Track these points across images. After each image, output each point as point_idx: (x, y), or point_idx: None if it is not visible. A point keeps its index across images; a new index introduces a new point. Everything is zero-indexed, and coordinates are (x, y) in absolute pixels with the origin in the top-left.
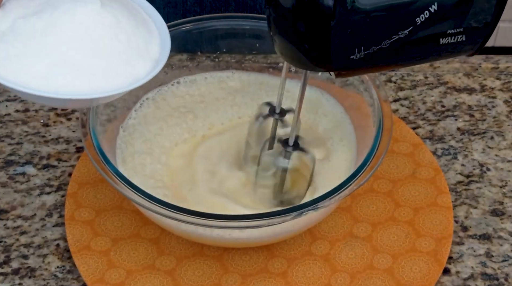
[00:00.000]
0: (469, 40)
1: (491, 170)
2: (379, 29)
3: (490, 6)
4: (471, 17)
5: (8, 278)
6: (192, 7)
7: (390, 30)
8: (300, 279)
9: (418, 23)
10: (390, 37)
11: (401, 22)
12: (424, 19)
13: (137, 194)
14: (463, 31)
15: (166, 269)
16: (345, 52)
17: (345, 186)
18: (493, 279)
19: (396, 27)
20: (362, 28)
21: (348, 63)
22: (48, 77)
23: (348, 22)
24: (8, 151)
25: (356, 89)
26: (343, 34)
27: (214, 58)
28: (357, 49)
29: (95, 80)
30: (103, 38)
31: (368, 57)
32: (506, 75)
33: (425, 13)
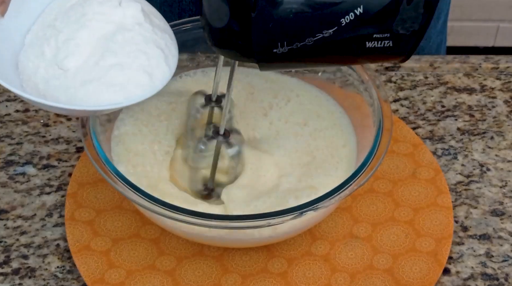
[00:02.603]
0: (397, 46)
1: (491, 170)
2: (302, 26)
3: (417, 15)
4: (398, 23)
5: (8, 278)
6: (188, 6)
7: (314, 28)
8: (300, 279)
9: (343, 24)
10: (314, 35)
11: (326, 21)
12: (349, 21)
13: (137, 194)
14: (390, 36)
15: (166, 269)
16: (268, 46)
17: (345, 186)
18: (493, 279)
19: (320, 26)
20: (285, 24)
21: (271, 57)
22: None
23: (270, 16)
24: (8, 151)
25: (356, 89)
26: (264, 27)
27: (214, 58)
28: (280, 43)
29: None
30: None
31: (292, 53)
32: (506, 75)
33: (350, 15)
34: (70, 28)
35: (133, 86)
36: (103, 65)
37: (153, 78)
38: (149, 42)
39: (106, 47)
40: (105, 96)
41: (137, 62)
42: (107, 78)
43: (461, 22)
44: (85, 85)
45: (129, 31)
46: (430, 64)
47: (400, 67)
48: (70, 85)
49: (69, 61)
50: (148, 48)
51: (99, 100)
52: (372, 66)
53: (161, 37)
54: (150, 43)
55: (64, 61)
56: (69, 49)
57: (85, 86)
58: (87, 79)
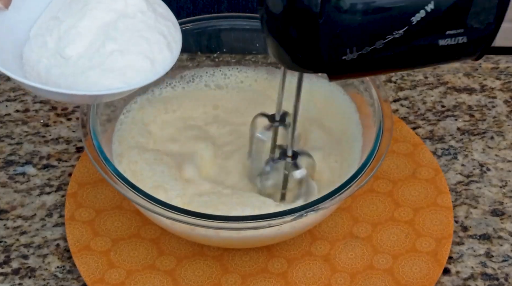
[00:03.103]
0: (471, 42)
1: (491, 170)
2: (371, 28)
3: (492, 6)
4: (471, 17)
5: (8, 278)
6: (185, 4)
7: (384, 30)
8: (300, 279)
9: (413, 22)
10: (384, 38)
11: (395, 21)
12: (420, 19)
13: (137, 194)
14: (464, 32)
15: (166, 269)
16: (337, 53)
17: (345, 187)
18: (493, 279)
19: (390, 26)
20: (353, 27)
21: (341, 65)
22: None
23: (337, 21)
24: (8, 151)
25: (356, 89)
26: (332, 33)
27: (214, 58)
28: (349, 49)
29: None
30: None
31: (362, 58)
32: (506, 75)
33: (420, 12)
34: (72, 17)
35: (133, 71)
36: (103, 52)
37: (154, 64)
38: (151, 29)
39: (107, 35)
40: (105, 82)
41: (138, 48)
42: (107, 64)
43: None
44: (85, 72)
45: (131, 18)
46: None
47: None
48: (71, 73)
49: (70, 49)
50: (150, 35)
51: (99, 86)
52: None
53: (164, 25)
54: (152, 30)
55: (65, 49)
56: (70, 38)
57: (85, 73)
58: (88, 66)
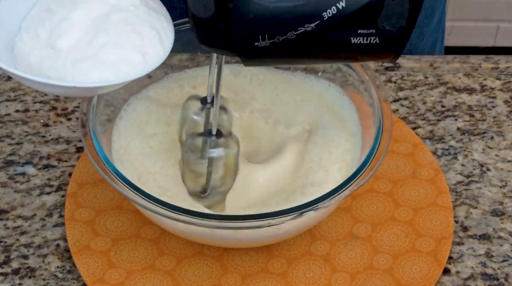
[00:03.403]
0: (384, 43)
1: (491, 170)
2: (282, 19)
3: (403, 11)
4: (383, 19)
5: (8, 278)
6: (178, 4)
7: (296, 22)
8: (300, 279)
9: (325, 18)
10: (296, 29)
11: (307, 15)
12: (332, 15)
13: (137, 194)
14: (376, 33)
15: (166, 269)
16: (249, 38)
17: (345, 186)
18: (493, 279)
19: (302, 19)
20: (265, 16)
21: (253, 50)
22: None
23: (248, 8)
24: (8, 151)
25: (356, 89)
26: (244, 19)
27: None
28: (261, 36)
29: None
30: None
31: (274, 47)
32: (506, 75)
33: (332, 8)
34: (65, 9)
35: (124, 64)
36: (95, 44)
37: (146, 58)
38: (143, 23)
39: (100, 27)
40: (96, 74)
41: (130, 41)
42: (98, 57)
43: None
44: (76, 64)
45: (124, 12)
46: (430, 64)
47: (400, 67)
48: (62, 65)
49: (62, 41)
50: (142, 29)
51: (90, 78)
52: (372, 66)
53: (157, 19)
54: (145, 24)
55: (57, 41)
56: (62, 30)
57: (76, 65)
58: (79, 58)
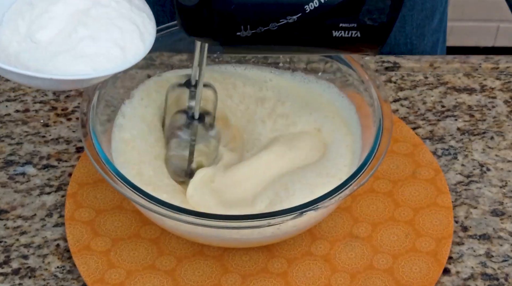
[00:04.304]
0: (365, 37)
1: (491, 170)
2: (265, 10)
3: (385, 6)
4: (364, 14)
5: (8, 278)
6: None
7: (277, 13)
8: (300, 279)
9: (307, 10)
10: (278, 21)
11: (289, 7)
12: (314, 8)
13: (137, 194)
14: (357, 27)
15: (166, 269)
16: (231, 28)
17: (345, 186)
18: (493, 279)
19: (284, 11)
20: (248, 7)
21: (235, 40)
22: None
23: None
24: (8, 151)
25: (356, 89)
26: (226, 8)
27: (214, 58)
28: (244, 27)
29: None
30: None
31: (256, 37)
32: (506, 75)
33: (314, 2)
34: (45, 2)
35: (103, 59)
36: (75, 37)
37: (125, 53)
38: (124, 18)
39: (79, 21)
40: (74, 67)
41: (109, 35)
42: (77, 50)
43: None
44: (54, 56)
45: (105, 7)
46: (430, 64)
47: (400, 67)
48: (40, 57)
49: (41, 34)
50: (122, 24)
51: (68, 71)
52: (372, 66)
53: (138, 15)
54: (126, 19)
55: (36, 34)
56: (42, 22)
57: (55, 57)
58: (58, 51)
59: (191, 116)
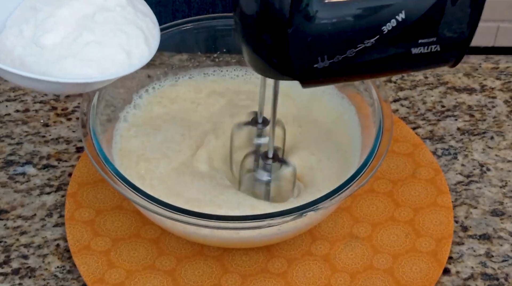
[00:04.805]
0: (445, 49)
1: (491, 170)
2: (342, 37)
3: (465, 15)
4: (444, 26)
5: (8, 278)
6: (180, 7)
7: (354, 39)
8: (300, 279)
9: (384, 31)
10: (355, 46)
11: (366, 31)
12: (392, 28)
13: (137, 194)
14: (436, 40)
15: (166, 269)
16: (308, 61)
17: (345, 187)
18: (493, 279)
19: (361, 36)
20: (323, 37)
21: (313, 72)
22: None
23: (307, 30)
24: (8, 151)
25: (356, 89)
26: (302, 42)
27: (214, 58)
28: (320, 58)
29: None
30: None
31: (334, 66)
32: (506, 75)
33: (391, 21)
34: (50, 7)
35: (109, 62)
36: (80, 42)
37: (131, 57)
38: (129, 23)
39: (85, 26)
40: (80, 71)
41: (115, 40)
42: (83, 54)
43: None
44: (60, 60)
45: (110, 11)
46: None
47: None
48: (45, 61)
49: (46, 38)
50: (128, 28)
51: (73, 75)
52: None
53: (143, 20)
54: (131, 24)
55: (41, 38)
56: (47, 27)
57: (60, 61)
58: (63, 55)
59: (264, 155)
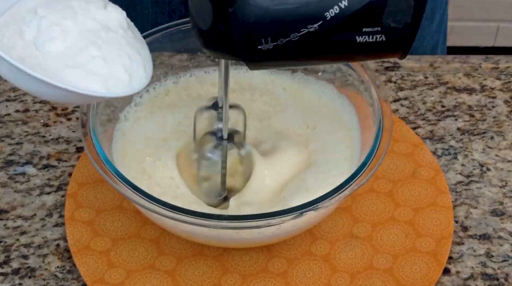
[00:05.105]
0: (390, 40)
1: (491, 170)
2: (285, 20)
3: (408, 6)
4: (387, 16)
5: (8, 278)
6: (177, 7)
7: (297, 23)
8: (300, 279)
9: (327, 17)
10: (299, 31)
11: (309, 15)
12: (334, 14)
13: (137, 194)
14: (381, 30)
15: (166, 269)
16: (252, 42)
17: (345, 186)
18: (493, 279)
19: (304, 20)
20: (267, 19)
21: (257, 54)
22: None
23: (249, 11)
24: (8, 151)
25: (356, 89)
26: (245, 23)
27: (213, 58)
28: (264, 39)
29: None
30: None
31: (278, 49)
32: (506, 75)
33: (334, 8)
34: (55, 15)
35: (114, 81)
36: (86, 54)
37: (132, 79)
38: (131, 47)
39: (90, 40)
40: (86, 84)
41: (120, 60)
42: (90, 67)
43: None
44: (66, 68)
45: (114, 32)
46: (430, 64)
47: (400, 67)
48: (49, 66)
49: (51, 44)
50: (130, 51)
51: (79, 85)
52: (372, 66)
53: (141, 47)
54: (132, 48)
55: (45, 43)
56: (53, 33)
57: (66, 69)
58: (69, 63)
59: (220, 137)
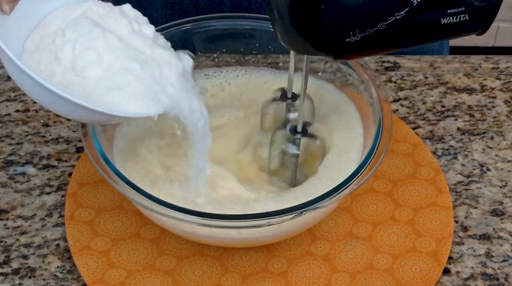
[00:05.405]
0: (473, 18)
1: (491, 170)
2: (373, 11)
3: None
4: None
5: (8, 278)
6: (188, 9)
7: (385, 11)
8: (300, 279)
9: (414, 3)
10: (386, 19)
11: (396, 3)
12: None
13: (137, 194)
14: (465, 10)
15: (166, 269)
16: (340, 36)
17: (345, 186)
18: (493, 279)
19: (391, 8)
20: (355, 11)
21: (345, 47)
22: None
23: (338, 5)
24: (8, 151)
25: (356, 89)
26: (335, 17)
27: (214, 58)
28: (352, 32)
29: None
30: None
31: (366, 40)
32: (506, 75)
33: None
34: (85, 37)
35: (149, 101)
36: (125, 76)
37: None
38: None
39: (123, 58)
40: (131, 105)
41: (150, 80)
42: (130, 89)
43: None
44: (110, 91)
45: (144, 53)
46: (430, 64)
47: (400, 67)
48: (92, 92)
49: (90, 69)
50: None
51: (125, 108)
52: (372, 66)
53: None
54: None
55: (85, 69)
56: (89, 58)
57: (110, 93)
58: (110, 87)
59: (294, 129)
